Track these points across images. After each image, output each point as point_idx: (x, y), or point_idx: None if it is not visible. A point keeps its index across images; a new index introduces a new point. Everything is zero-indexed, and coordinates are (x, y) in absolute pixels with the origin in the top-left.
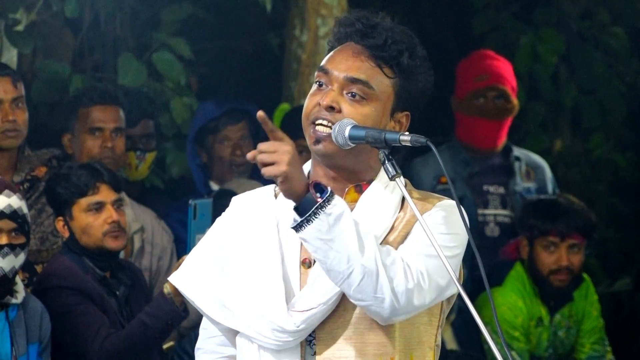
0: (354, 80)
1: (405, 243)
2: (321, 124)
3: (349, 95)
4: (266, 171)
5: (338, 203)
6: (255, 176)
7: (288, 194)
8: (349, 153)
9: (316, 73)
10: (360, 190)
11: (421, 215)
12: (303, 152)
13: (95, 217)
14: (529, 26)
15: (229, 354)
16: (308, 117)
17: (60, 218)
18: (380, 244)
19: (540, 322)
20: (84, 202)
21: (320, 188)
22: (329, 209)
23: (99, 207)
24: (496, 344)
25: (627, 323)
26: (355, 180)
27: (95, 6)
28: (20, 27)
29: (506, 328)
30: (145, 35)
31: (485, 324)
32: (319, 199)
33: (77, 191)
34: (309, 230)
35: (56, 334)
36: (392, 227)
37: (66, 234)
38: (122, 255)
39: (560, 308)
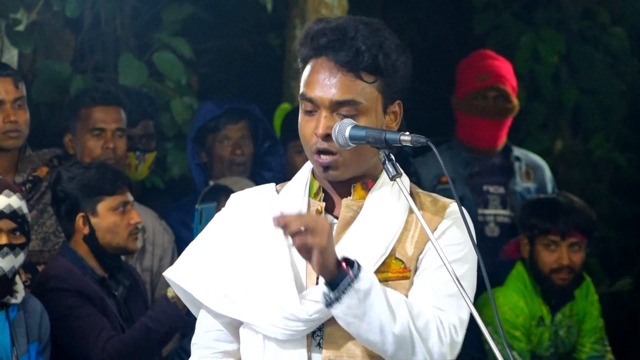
0: (340, 103)
1: (426, 278)
2: (324, 153)
3: (340, 116)
4: (305, 239)
5: (366, 277)
6: (254, 175)
7: (322, 268)
8: (356, 163)
9: (300, 99)
10: (366, 187)
11: (432, 229)
12: (303, 152)
13: (122, 218)
14: (529, 26)
15: (225, 349)
16: (309, 146)
17: (82, 214)
18: (397, 244)
19: (542, 321)
20: (113, 201)
21: (350, 262)
22: (357, 284)
23: (124, 207)
24: (497, 344)
25: (627, 323)
26: (361, 178)
27: (96, 6)
28: (20, 27)
29: (507, 328)
30: (146, 35)
31: (487, 324)
32: (351, 274)
33: (109, 188)
34: (339, 307)
35: (56, 336)
36: (406, 229)
37: (86, 231)
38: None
39: (561, 307)
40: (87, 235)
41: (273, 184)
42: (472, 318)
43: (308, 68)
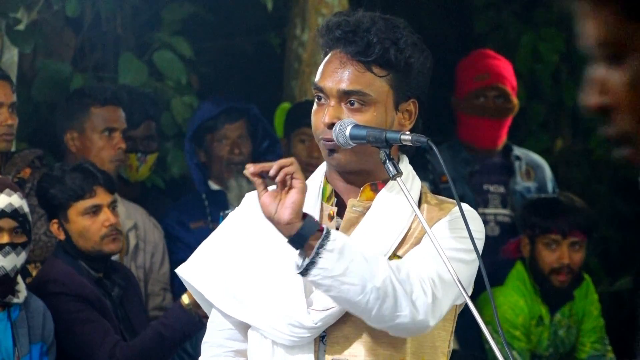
0: (347, 93)
1: (417, 247)
2: (329, 142)
3: (348, 104)
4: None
5: (338, 236)
6: None
7: (294, 214)
8: (362, 157)
9: (313, 88)
10: (375, 189)
11: (435, 221)
12: (305, 141)
13: (93, 221)
14: (529, 25)
15: (237, 348)
16: (316, 135)
17: (55, 221)
18: (399, 244)
19: (541, 321)
20: (81, 205)
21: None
22: (329, 245)
23: (95, 210)
24: (497, 343)
25: (627, 322)
26: (371, 179)
27: (96, 5)
28: (21, 27)
29: (507, 327)
30: (146, 35)
31: (486, 324)
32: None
33: (73, 195)
34: (315, 271)
35: (60, 341)
36: (410, 228)
37: (62, 237)
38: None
39: (560, 307)
40: (65, 241)
41: None
42: (471, 317)
43: (324, 59)
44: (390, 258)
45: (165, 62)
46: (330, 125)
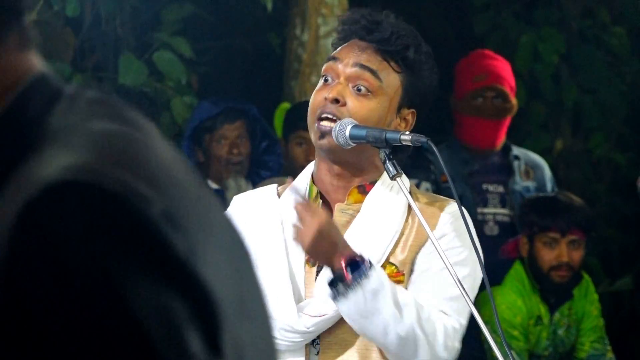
0: (362, 67)
1: (428, 280)
2: (327, 118)
3: (355, 89)
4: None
5: (375, 276)
6: (251, 175)
7: (325, 261)
8: (353, 149)
9: (324, 66)
10: (364, 191)
11: (432, 225)
12: (303, 144)
13: None
14: (529, 25)
15: None
16: (314, 113)
17: None
18: (392, 250)
19: (540, 320)
20: None
21: (354, 262)
22: (365, 284)
23: None
24: (496, 343)
25: (627, 322)
26: (359, 180)
27: (96, 6)
28: None
29: (505, 327)
30: (146, 35)
31: (485, 323)
32: (348, 275)
33: None
34: (345, 303)
35: None
36: (402, 233)
37: None
38: None
39: (560, 306)
40: None
41: (275, 186)
42: (472, 317)
43: (339, 47)
44: (383, 265)
45: (165, 62)
46: (334, 100)
